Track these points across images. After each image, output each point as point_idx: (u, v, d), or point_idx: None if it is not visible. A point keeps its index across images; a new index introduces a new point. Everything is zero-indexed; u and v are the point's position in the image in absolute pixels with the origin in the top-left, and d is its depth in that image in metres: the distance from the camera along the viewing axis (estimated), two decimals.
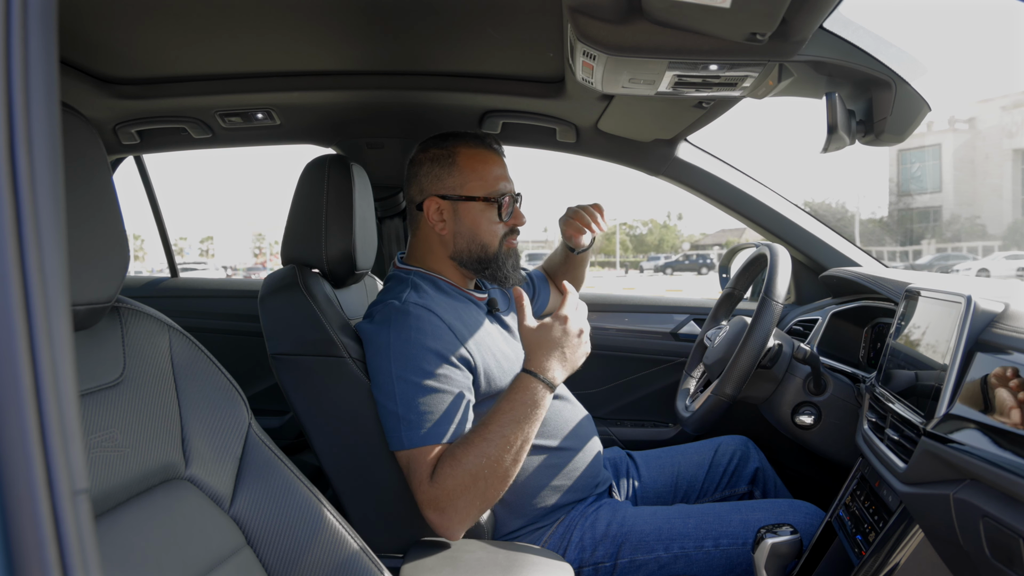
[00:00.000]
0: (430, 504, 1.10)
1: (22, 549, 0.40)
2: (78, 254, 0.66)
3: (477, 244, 1.32)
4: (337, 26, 1.36)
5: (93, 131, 0.70)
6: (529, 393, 1.12)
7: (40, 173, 0.41)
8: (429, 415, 1.13)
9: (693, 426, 1.44)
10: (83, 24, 1.30)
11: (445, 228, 1.32)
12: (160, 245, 2.59)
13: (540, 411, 1.12)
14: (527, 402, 1.11)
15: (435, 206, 1.31)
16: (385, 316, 1.21)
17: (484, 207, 1.31)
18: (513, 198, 1.34)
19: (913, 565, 0.96)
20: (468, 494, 1.09)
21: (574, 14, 1.03)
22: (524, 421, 1.11)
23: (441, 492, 1.09)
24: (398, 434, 1.13)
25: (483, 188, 1.31)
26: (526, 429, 1.11)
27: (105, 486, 0.70)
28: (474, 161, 1.32)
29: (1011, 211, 37.40)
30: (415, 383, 1.14)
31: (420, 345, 1.16)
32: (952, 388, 0.85)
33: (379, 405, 1.17)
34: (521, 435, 1.11)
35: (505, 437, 1.09)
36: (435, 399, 1.14)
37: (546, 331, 1.14)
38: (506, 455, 1.09)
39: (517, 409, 1.11)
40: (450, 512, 1.09)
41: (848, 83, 1.23)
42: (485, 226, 1.31)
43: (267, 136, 1.92)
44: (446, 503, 1.09)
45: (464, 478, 1.08)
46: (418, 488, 1.11)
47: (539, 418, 1.13)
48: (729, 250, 2.21)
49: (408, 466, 1.13)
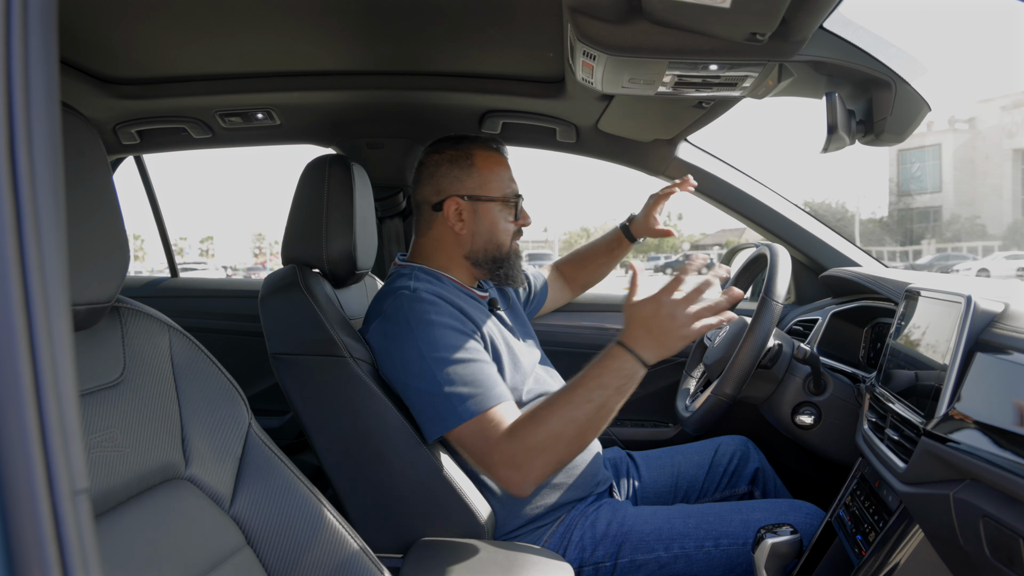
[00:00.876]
0: (507, 462, 1.09)
1: (22, 549, 0.40)
2: (78, 254, 0.66)
3: (493, 244, 1.35)
4: (337, 26, 1.36)
5: (93, 131, 0.70)
6: (618, 362, 1.10)
7: (40, 173, 0.41)
8: (476, 383, 1.14)
9: (693, 426, 1.44)
10: (83, 24, 1.30)
11: (464, 228, 1.34)
12: (160, 245, 2.59)
13: (628, 384, 1.10)
14: (615, 370, 1.09)
15: (455, 206, 1.33)
16: (399, 307, 1.22)
17: (502, 207, 1.36)
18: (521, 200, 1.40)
19: (913, 565, 0.95)
20: (547, 454, 1.08)
21: (574, 14, 1.03)
22: (611, 389, 1.09)
23: (520, 449, 1.08)
24: (452, 409, 1.13)
25: (500, 189, 1.36)
26: (612, 398, 1.09)
27: (105, 486, 0.70)
28: (491, 163, 1.36)
29: (1011, 211, 37.41)
30: (450, 359, 1.15)
31: (442, 325, 1.18)
32: (952, 388, 0.85)
33: (415, 392, 1.17)
34: (607, 404, 1.09)
35: (591, 401, 1.08)
36: (475, 368, 1.16)
37: (640, 308, 1.11)
38: (591, 421, 1.09)
39: (605, 376, 1.09)
40: (527, 468, 1.09)
41: (848, 83, 1.23)
42: (501, 226, 1.36)
43: (267, 136, 1.92)
44: (524, 460, 1.08)
45: (546, 438, 1.08)
46: (491, 449, 1.10)
47: (627, 391, 1.10)
48: (729, 250, 2.21)
49: (474, 434, 1.12)
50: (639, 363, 1.09)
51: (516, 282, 1.39)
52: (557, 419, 1.08)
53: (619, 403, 1.11)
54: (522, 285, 1.42)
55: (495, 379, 1.17)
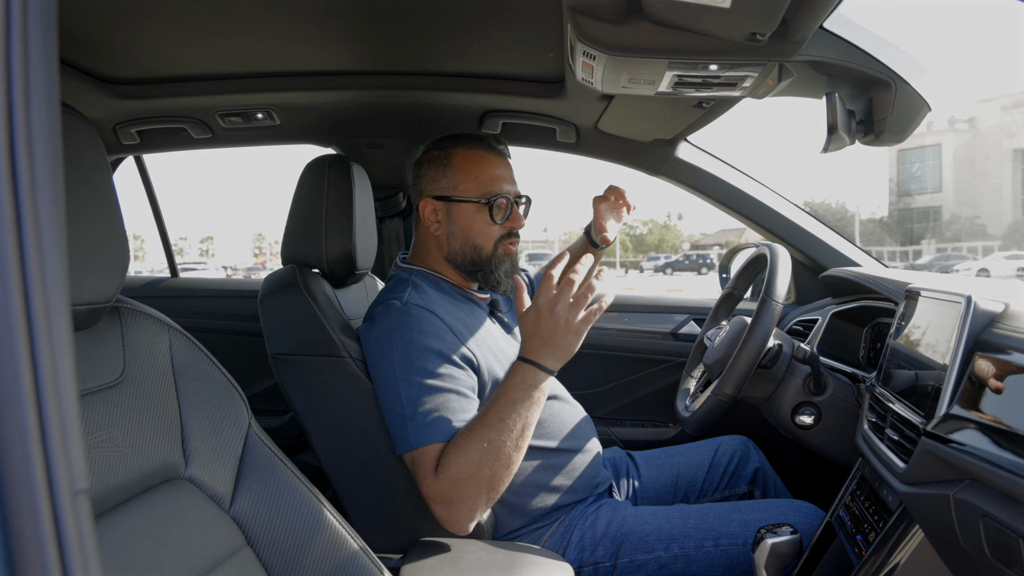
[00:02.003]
0: (437, 497, 1.09)
1: (22, 549, 0.40)
2: (78, 254, 0.66)
3: (470, 246, 1.31)
4: (337, 26, 1.36)
5: (93, 131, 0.70)
6: (520, 375, 1.11)
7: (40, 173, 0.41)
8: (433, 415, 1.12)
9: (693, 426, 1.44)
10: (83, 24, 1.30)
11: (440, 229, 1.32)
12: (160, 245, 2.59)
13: (537, 394, 1.11)
14: (520, 384, 1.10)
15: (430, 207, 1.32)
16: (386, 318, 1.21)
17: (477, 208, 1.30)
18: (513, 200, 1.33)
19: (913, 565, 0.95)
20: (473, 482, 1.07)
21: (574, 14, 1.03)
22: (520, 403, 1.09)
23: (446, 483, 1.08)
24: (404, 435, 1.13)
25: (476, 189, 1.30)
26: (524, 413, 1.10)
27: (105, 486, 0.70)
28: (468, 162, 1.32)
29: (1011, 211, 37.40)
30: (419, 384, 1.14)
31: (422, 346, 1.16)
32: (952, 388, 0.85)
33: (384, 408, 1.17)
34: (520, 419, 1.09)
35: (503, 420, 1.08)
36: (439, 398, 1.14)
37: (526, 318, 1.12)
38: (507, 439, 1.08)
39: (511, 392, 1.10)
40: (457, 503, 1.08)
41: (848, 83, 1.23)
42: (478, 228, 1.31)
43: (267, 136, 1.92)
44: (452, 494, 1.08)
45: (468, 466, 1.07)
46: (424, 484, 1.10)
47: (537, 402, 1.11)
48: (729, 250, 2.21)
49: (414, 465, 1.12)
50: (542, 371, 1.11)
51: (496, 288, 1.33)
52: (475, 445, 1.08)
53: (534, 416, 1.11)
54: (505, 292, 1.35)
55: (455, 413, 1.13)
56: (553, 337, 1.09)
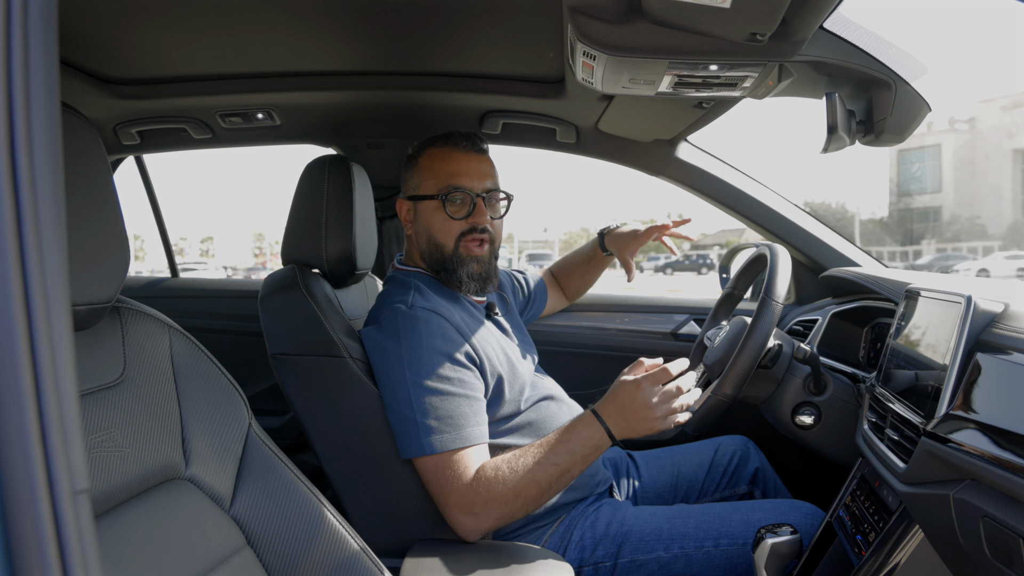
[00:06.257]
0: (463, 507, 1.11)
1: (22, 549, 0.40)
2: (78, 254, 0.66)
3: (433, 244, 1.31)
4: (337, 26, 1.36)
5: (93, 131, 0.70)
6: (589, 430, 1.14)
7: (40, 173, 0.41)
8: (449, 419, 1.14)
9: (693, 426, 1.43)
10: (83, 24, 1.30)
11: (411, 229, 1.35)
12: (160, 245, 2.59)
13: (593, 454, 1.15)
14: (584, 438, 1.14)
15: (404, 208, 1.35)
16: (393, 322, 1.21)
17: (436, 205, 1.29)
18: (472, 196, 1.28)
19: (913, 565, 0.96)
20: (504, 507, 1.11)
21: (574, 14, 1.03)
22: (577, 456, 1.13)
23: (479, 498, 1.11)
24: (417, 440, 1.14)
25: (435, 186, 1.30)
26: (578, 466, 1.14)
27: (105, 486, 0.70)
28: (432, 160, 1.32)
29: (1011, 211, 37.39)
30: (431, 388, 1.15)
31: (432, 349, 1.17)
32: (952, 388, 0.85)
33: (391, 410, 1.17)
34: (573, 471, 1.14)
35: (557, 466, 1.12)
36: (452, 403, 1.15)
37: (625, 386, 1.15)
38: (553, 484, 1.13)
39: (573, 442, 1.14)
40: (483, 517, 1.12)
41: (848, 83, 1.23)
42: (438, 225, 1.29)
43: (267, 136, 1.92)
44: (480, 509, 1.11)
45: (507, 493, 1.11)
46: (449, 490, 1.12)
47: (591, 460, 1.15)
48: (729, 250, 2.20)
49: (435, 471, 1.14)
50: (607, 436, 1.14)
51: (459, 289, 1.32)
52: (521, 477, 1.11)
53: (581, 470, 1.15)
54: (471, 293, 1.33)
55: (470, 418, 1.15)
56: (635, 420, 1.14)
